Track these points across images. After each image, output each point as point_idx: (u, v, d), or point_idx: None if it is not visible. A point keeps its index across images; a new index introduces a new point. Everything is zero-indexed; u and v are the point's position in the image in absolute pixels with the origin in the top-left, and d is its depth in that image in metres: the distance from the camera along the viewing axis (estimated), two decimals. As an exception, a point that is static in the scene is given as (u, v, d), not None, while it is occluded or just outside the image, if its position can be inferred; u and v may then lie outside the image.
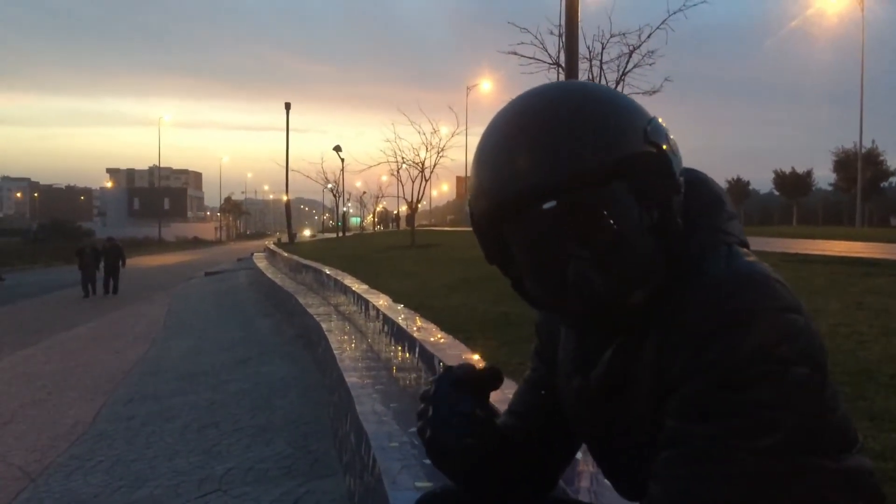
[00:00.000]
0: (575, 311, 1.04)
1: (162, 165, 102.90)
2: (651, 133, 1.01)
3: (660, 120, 1.05)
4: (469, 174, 1.09)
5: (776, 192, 64.71)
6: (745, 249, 1.07)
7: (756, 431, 0.93)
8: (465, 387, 1.17)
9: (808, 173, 60.08)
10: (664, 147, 1.02)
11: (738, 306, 0.95)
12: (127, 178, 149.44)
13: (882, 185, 52.46)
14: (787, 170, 60.40)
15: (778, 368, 0.93)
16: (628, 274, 1.00)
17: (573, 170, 0.97)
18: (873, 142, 51.56)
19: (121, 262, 21.90)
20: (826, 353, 1.02)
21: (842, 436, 1.04)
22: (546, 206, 0.97)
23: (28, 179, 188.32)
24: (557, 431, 1.27)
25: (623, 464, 1.13)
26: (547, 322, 1.28)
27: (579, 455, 2.22)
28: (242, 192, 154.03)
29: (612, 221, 0.98)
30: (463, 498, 1.27)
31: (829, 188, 59.82)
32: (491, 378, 1.20)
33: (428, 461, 3.24)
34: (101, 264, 21.55)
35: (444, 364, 3.73)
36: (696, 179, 1.11)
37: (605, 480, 1.94)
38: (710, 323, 0.95)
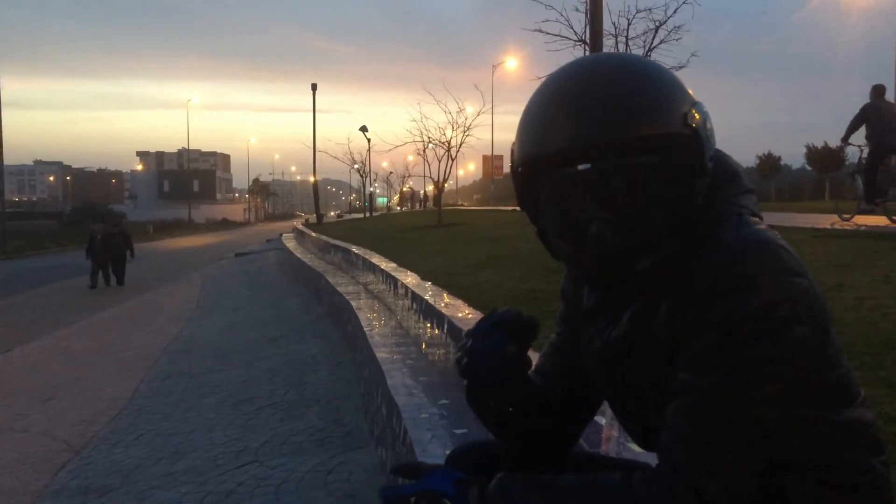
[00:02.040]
0: (589, 266, 1.13)
1: (191, 148, 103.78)
2: (690, 117, 1.09)
3: (703, 106, 1.13)
4: (517, 130, 1.18)
5: (808, 167, 63.61)
6: (755, 219, 1.14)
7: (758, 383, 1.02)
8: (504, 328, 1.26)
9: (841, 148, 58.98)
10: (700, 131, 1.10)
11: (745, 270, 1.03)
12: (156, 161, 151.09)
13: (917, 158, 51.38)
14: (819, 144, 59.32)
15: (780, 327, 1.02)
16: (641, 242, 1.08)
17: (610, 139, 1.05)
18: (908, 115, 50.38)
19: (129, 252, 19.47)
20: (828, 313, 1.09)
21: (843, 390, 1.12)
22: (581, 167, 1.07)
23: (60, 163, 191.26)
24: (579, 391, 1.36)
25: (640, 417, 1.21)
26: (572, 288, 1.37)
27: (603, 420, 2.32)
28: (270, 174, 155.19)
29: (636, 192, 1.06)
30: (491, 451, 1.36)
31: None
32: (529, 326, 1.28)
33: (457, 431, 3.36)
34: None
35: (466, 330, 3.83)
36: (716, 157, 1.18)
37: (629, 444, 2.04)
38: (720, 284, 1.04)
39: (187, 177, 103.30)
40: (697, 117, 1.10)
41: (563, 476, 1.13)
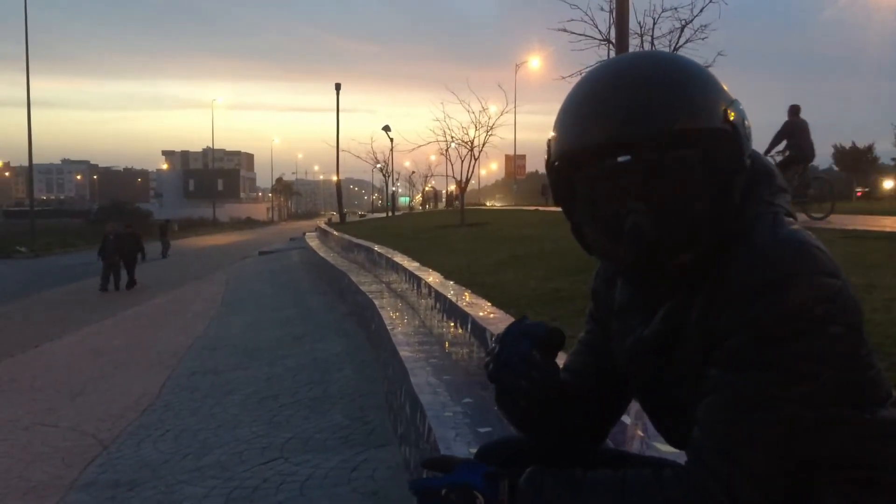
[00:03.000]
0: (626, 260, 1.14)
1: (215, 147, 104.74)
2: (729, 113, 1.10)
3: (741, 104, 1.14)
4: (555, 124, 1.19)
5: (835, 167, 62.81)
6: (790, 219, 1.15)
7: (792, 382, 1.02)
8: (531, 336, 1.28)
9: (870, 147, 58.14)
10: (738, 128, 1.11)
11: (780, 269, 1.04)
12: (181, 160, 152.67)
13: (948, 158, 50.48)
14: (847, 144, 58.57)
15: (815, 326, 1.02)
16: (679, 235, 1.09)
17: (651, 131, 1.06)
18: (939, 114, 49.59)
19: (140, 254, 19.19)
20: (862, 314, 1.09)
21: (875, 390, 1.12)
22: (621, 159, 1.08)
23: (87, 162, 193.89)
24: (608, 389, 1.37)
25: (671, 414, 1.22)
26: (603, 286, 1.38)
27: (628, 420, 2.32)
28: (293, 173, 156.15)
29: (675, 184, 1.08)
30: (520, 447, 1.37)
31: (892, 162, 57.75)
32: (555, 336, 1.30)
33: (481, 429, 3.37)
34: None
35: (495, 336, 3.84)
36: (751, 155, 1.19)
37: (654, 443, 2.04)
38: (755, 283, 1.04)
39: (212, 176, 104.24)
40: (734, 115, 1.11)
41: (594, 472, 1.13)
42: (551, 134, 1.19)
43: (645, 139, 1.06)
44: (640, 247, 1.10)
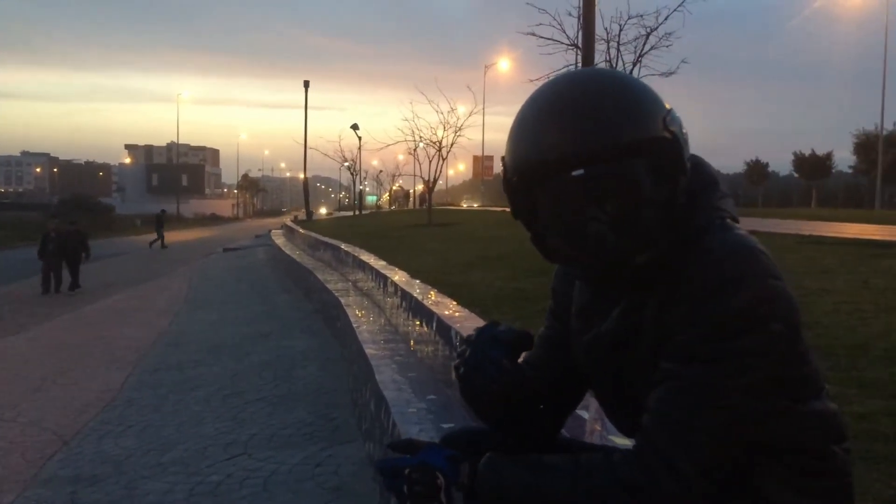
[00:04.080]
0: (588, 265, 1.22)
1: (180, 142, 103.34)
2: (669, 121, 1.19)
3: (675, 111, 1.23)
4: (508, 141, 1.25)
5: (795, 175, 64.11)
6: (736, 224, 1.24)
7: (737, 374, 1.12)
8: (501, 341, 1.36)
9: (828, 155, 59.44)
10: (678, 136, 1.19)
11: (729, 272, 1.13)
12: (145, 155, 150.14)
13: (903, 167, 51.80)
14: (807, 152, 59.81)
15: (758, 324, 1.12)
16: (636, 238, 1.17)
17: (602, 145, 1.14)
18: (895, 124, 50.99)
19: (84, 253, 17.08)
20: (800, 313, 1.19)
21: (811, 383, 1.22)
22: (575, 173, 1.15)
23: (47, 154, 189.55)
24: (566, 382, 1.45)
25: (626, 406, 1.30)
26: (562, 285, 1.46)
27: (587, 415, 2.41)
28: (259, 170, 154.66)
29: (629, 192, 1.15)
30: (481, 435, 1.44)
31: (850, 171, 59.13)
32: (524, 340, 1.39)
33: (444, 425, 3.44)
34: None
35: (460, 336, 3.90)
36: (696, 162, 1.28)
37: (610, 436, 2.13)
38: (706, 285, 1.14)
39: (176, 171, 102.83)
40: (672, 123, 1.20)
41: (549, 456, 1.21)
42: (505, 151, 1.25)
43: (597, 153, 1.14)
44: (600, 252, 1.18)
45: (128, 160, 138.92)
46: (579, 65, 9.22)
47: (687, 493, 1.11)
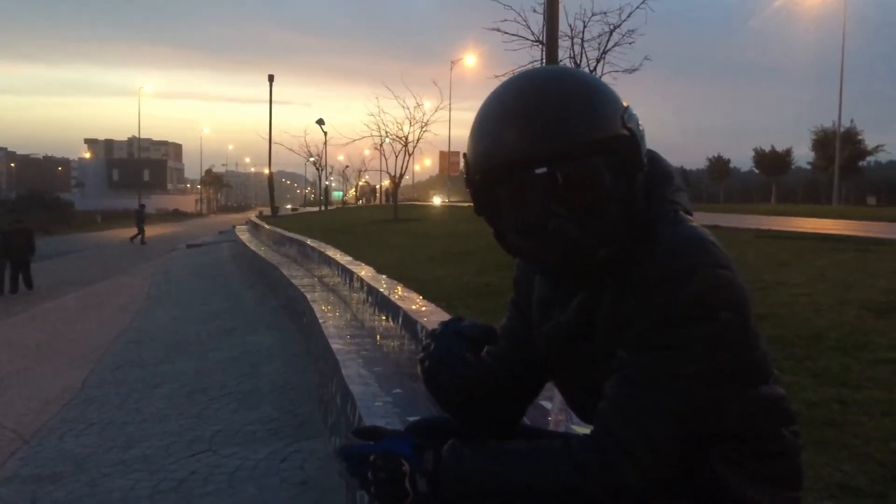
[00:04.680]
0: (551, 260, 1.25)
1: (142, 136, 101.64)
2: (627, 119, 1.22)
3: (631, 108, 1.26)
4: (469, 139, 1.27)
5: (756, 171, 65.21)
6: (689, 216, 1.27)
7: (689, 361, 1.15)
8: (464, 336, 1.39)
9: (788, 152, 60.61)
10: (635, 132, 1.22)
11: (680, 263, 1.17)
12: (105, 149, 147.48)
13: (860, 163, 53.03)
14: (767, 148, 60.89)
15: (709, 313, 1.15)
16: (598, 233, 1.20)
17: (563, 143, 1.17)
18: (852, 121, 52.18)
19: (30, 252, 16.03)
20: (749, 301, 1.23)
21: (760, 369, 1.26)
22: (538, 171, 1.17)
23: (4, 149, 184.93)
24: (527, 371, 1.48)
25: (585, 393, 1.33)
26: (524, 277, 1.49)
27: (549, 405, 2.45)
28: (223, 165, 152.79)
29: (590, 189, 1.18)
30: (446, 424, 1.47)
31: (808, 167, 60.36)
32: (487, 334, 1.41)
33: (409, 418, 3.48)
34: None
35: (426, 330, 3.93)
36: (651, 157, 1.31)
37: (572, 426, 2.17)
38: (658, 275, 1.17)
39: (138, 166, 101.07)
40: (630, 121, 1.23)
41: (510, 442, 1.24)
42: (466, 149, 1.27)
43: (558, 151, 1.17)
44: (562, 248, 1.20)
45: (88, 155, 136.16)
46: (544, 61, 9.27)
47: (642, 477, 1.15)
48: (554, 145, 1.16)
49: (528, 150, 1.17)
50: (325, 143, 40.37)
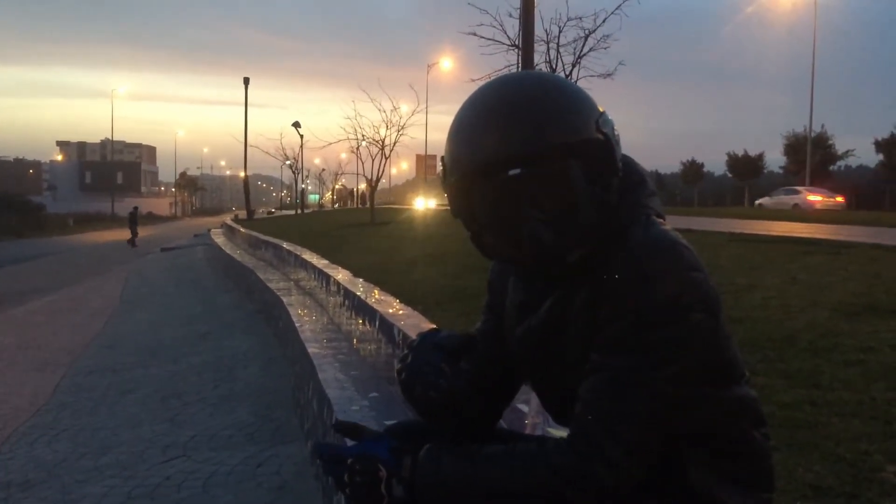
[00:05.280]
0: (525, 261, 1.26)
1: (115, 139, 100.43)
2: (602, 123, 1.24)
3: (606, 113, 1.27)
4: (447, 141, 1.28)
5: (729, 174, 65.87)
6: (660, 220, 1.29)
7: (662, 363, 1.17)
8: (442, 347, 1.41)
9: (760, 156, 61.26)
10: (610, 137, 1.24)
11: (652, 266, 1.18)
12: (78, 152, 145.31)
13: (830, 168, 53.82)
14: (740, 153, 61.53)
15: (681, 314, 1.17)
16: (571, 235, 1.22)
17: (539, 146, 1.18)
18: (822, 126, 52.91)
19: None
20: (720, 303, 1.25)
21: (732, 370, 1.28)
22: (512, 172, 1.18)
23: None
24: (502, 374, 1.49)
25: (559, 396, 1.34)
26: (498, 279, 1.50)
27: (525, 408, 2.46)
28: (198, 168, 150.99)
29: (565, 191, 1.20)
30: (424, 427, 1.47)
31: (780, 171, 61.13)
32: (466, 344, 1.43)
33: (387, 422, 3.47)
34: None
35: (403, 334, 3.92)
36: (625, 162, 1.33)
37: (548, 429, 2.18)
38: (632, 277, 1.18)
39: (111, 168, 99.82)
40: (605, 125, 1.25)
41: (486, 446, 1.24)
42: (444, 151, 1.29)
43: (533, 154, 1.18)
44: (537, 249, 1.21)
45: (59, 157, 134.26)
46: (520, 65, 9.31)
47: (616, 478, 1.16)
48: (528, 148, 1.17)
49: (504, 152, 1.18)
50: (302, 146, 40.26)
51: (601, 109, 1.27)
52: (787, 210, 25.08)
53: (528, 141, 1.18)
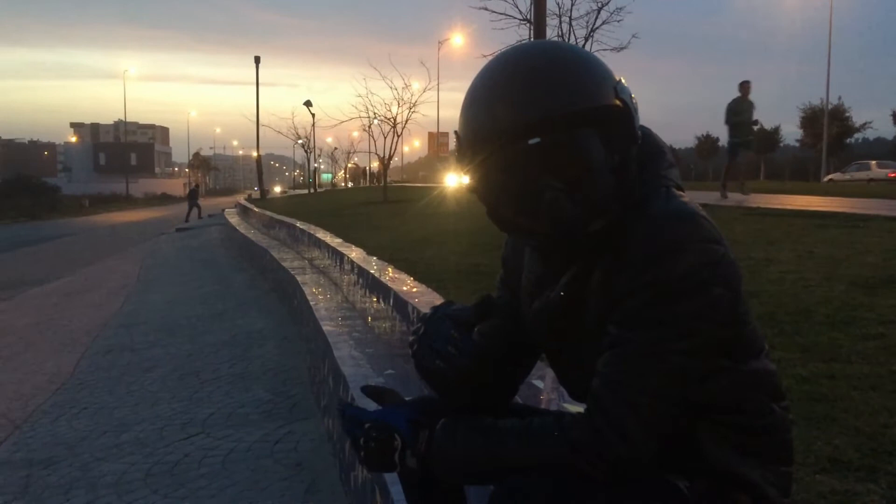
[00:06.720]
0: (544, 233, 1.23)
1: (128, 120, 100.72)
2: (619, 91, 1.21)
3: (624, 81, 1.25)
4: (461, 114, 1.25)
5: (745, 148, 65.19)
6: (680, 192, 1.27)
7: (680, 336, 1.15)
8: (454, 319, 1.39)
9: (776, 129, 60.68)
10: (628, 103, 1.22)
11: (672, 238, 1.16)
12: (92, 133, 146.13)
13: (847, 140, 53.20)
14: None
15: (700, 288, 1.15)
16: (591, 205, 1.20)
17: (556, 113, 1.16)
18: (839, 98, 52.26)
19: None
20: (740, 277, 1.23)
21: (751, 344, 1.27)
22: (531, 141, 1.16)
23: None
24: (518, 349, 1.48)
25: (576, 370, 1.33)
26: (512, 255, 1.49)
27: (540, 384, 2.45)
28: (211, 148, 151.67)
29: (583, 159, 1.17)
30: (442, 404, 1.46)
31: (797, 144, 60.50)
32: (486, 307, 1.40)
33: (407, 398, 3.49)
34: None
35: (417, 311, 3.93)
36: (644, 133, 1.30)
37: (563, 404, 2.18)
38: (650, 251, 1.16)
39: (124, 149, 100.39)
40: (622, 92, 1.22)
41: (502, 420, 1.24)
42: (458, 125, 1.26)
43: (551, 121, 1.16)
44: (556, 221, 1.19)
45: (73, 139, 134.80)
46: (532, 39, 9.22)
47: (634, 453, 1.15)
48: (546, 114, 1.15)
49: (522, 121, 1.16)
50: (313, 124, 40.18)
51: (618, 77, 1.24)
52: (804, 183, 24.81)
53: (545, 108, 1.15)
